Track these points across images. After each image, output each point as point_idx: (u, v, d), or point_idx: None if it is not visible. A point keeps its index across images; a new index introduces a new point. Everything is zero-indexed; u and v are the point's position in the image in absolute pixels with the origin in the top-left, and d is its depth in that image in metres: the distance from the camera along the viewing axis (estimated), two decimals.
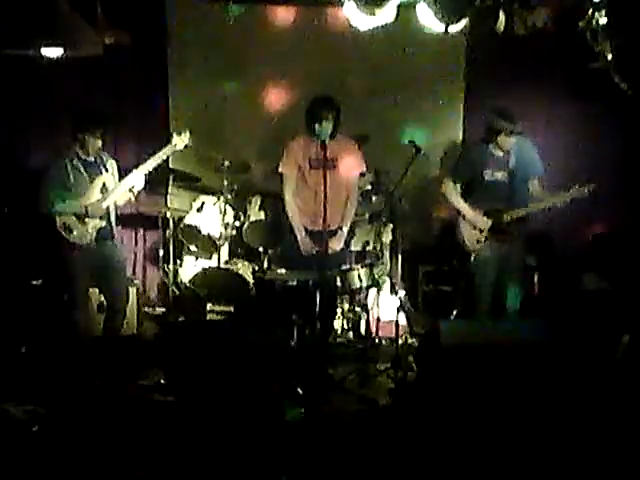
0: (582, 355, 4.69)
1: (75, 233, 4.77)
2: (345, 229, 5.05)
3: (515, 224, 4.95)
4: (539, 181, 5.01)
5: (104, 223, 4.87)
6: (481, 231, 5.01)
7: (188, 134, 5.10)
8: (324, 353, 4.93)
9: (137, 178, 4.89)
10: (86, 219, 4.78)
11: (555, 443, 3.65)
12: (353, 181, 5.09)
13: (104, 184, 4.87)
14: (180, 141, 5.09)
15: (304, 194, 5.01)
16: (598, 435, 3.74)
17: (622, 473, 3.46)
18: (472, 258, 5.10)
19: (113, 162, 5.01)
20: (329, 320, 5.19)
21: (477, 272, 5.09)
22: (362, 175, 5.30)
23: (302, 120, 4.90)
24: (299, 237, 4.99)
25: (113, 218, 4.98)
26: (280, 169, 5.05)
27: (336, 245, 4.98)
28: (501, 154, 4.95)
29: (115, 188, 4.88)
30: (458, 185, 5.08)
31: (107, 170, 4.90)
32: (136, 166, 4.97)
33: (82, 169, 4.81)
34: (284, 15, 6.02)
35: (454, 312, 5.75)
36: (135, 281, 5.76)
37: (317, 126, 4.82)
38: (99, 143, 4.80)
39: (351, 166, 5.04)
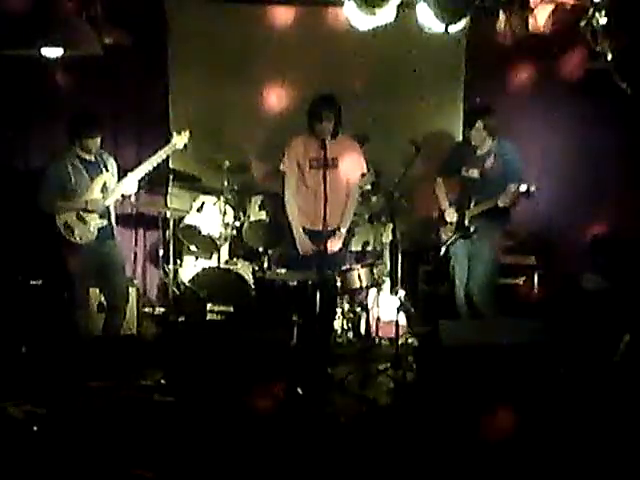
0: (582, 355, 4.69)
1: (76, 232, 4.78)
2: (344, 230, 5.05)
3: (478, 222, 5.00)
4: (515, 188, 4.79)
5: (105, 222, 4.88)
6: (450, 225, 5.16)
7: (188, 133, 5.12)
8: (324, 353, 4.94)
9: (137, 176, 4.91)
10: (87, 219, 4.79)
11: (555, 443, 3.65)
12: (353, 181, 5.08)
13: (105, 184, 4.88)
14: (180, 140, 5.11)
15: (304, 193, 5.01)
16: (598, 434, 3.74)
17: (622, 473, 3.46)
18: (442, 251, 5.22)
19: (113, 161, 5.02)
20: (329, 320, 5.19)
21: (449, 267, 5.22)
22: (362, 175, 5.30)
23: (302, 120, 4.90)
24: (297, 237, 4.99)
25: (113, 218, 4.99)
26: (281, 168, 5.05)
27: (334, 245, 4.97)
28: (481, 153, 5.04)
29: (115, 187, 4.89)
30: (441, 180, 5.32)
31: (107, 170, 4.92)
32: (136, 165, 4.98)
33: (83, 169, 4.82)
34: (284, 15, 6.01)
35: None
36: (135, 281, 5.76)
37: (318, 125, 4.82)
38: (98, 142, 4.81)
39: (352, 166, 5.04)
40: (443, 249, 5.23)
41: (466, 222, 5.06)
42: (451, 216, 5.17)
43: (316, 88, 5.20)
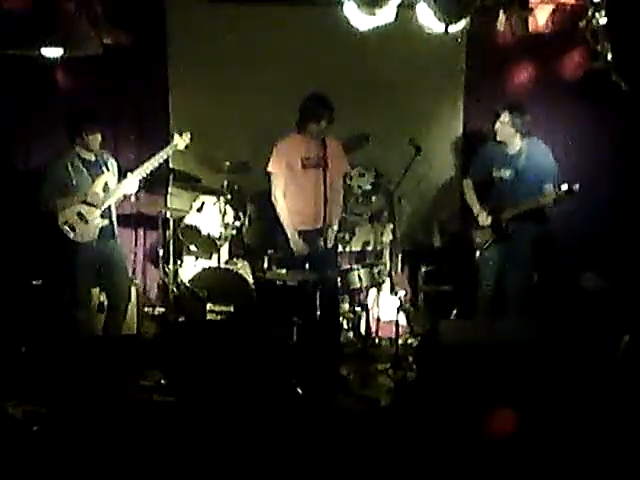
0: (582, 355, 4.69)
1: (78, 232, 4.78)
2: (335, 227, 5.08)
3: (515, 224, 4.94)
4: (554, 186, 4.79)
5: (106, 222, 4.89)
6: (484, 228, 5.06)
7: (189, 135, 5.12)
8: (335, 353, 4.95)
9: (138, 177, 4.91)
10: (88, 218, 4.79)
11: (555, 442, 3.65)
12: (340, 180, 5.16)
13: (106, 184, 4.88)
14: (181, 141, 5.11)
15: (294, 193, 5.02)
16: (598, 434, 3.74)
17: (622, 473, 3.46)
18: (477, 254, 5.16)
19: (114, 161, 5.03)
20: (335, 319, 5.20)
21: (480, 270, 5.14)
22: (362, 175, 5.32)
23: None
24: (290, 237, 5.00)
25: (114, 217, 5.00)
26: (269, 168, 5.04)
27: (324, 243, 4.98)
28: (512, 153, 4.96)
29: (117, 187, 4.90)
30: (471, 182, 5.23)
31: (108, 169, 4.92)
32: (137, 165, 4.98)
33: (84, 169, 4.83)
34: (284, 15, 6.01)
35: (454, 312, 5.76)
36: (135, 281, 5.76)
37: (314, 125, 4.84)
38: (98, 139, 4.81)
39: (339, 165, 5.11)
40: (477, 254, 5.16)
41: (503, 225, 4.96)
42: (484, 219, 5.06)
43: (316, 88, 5.20)
